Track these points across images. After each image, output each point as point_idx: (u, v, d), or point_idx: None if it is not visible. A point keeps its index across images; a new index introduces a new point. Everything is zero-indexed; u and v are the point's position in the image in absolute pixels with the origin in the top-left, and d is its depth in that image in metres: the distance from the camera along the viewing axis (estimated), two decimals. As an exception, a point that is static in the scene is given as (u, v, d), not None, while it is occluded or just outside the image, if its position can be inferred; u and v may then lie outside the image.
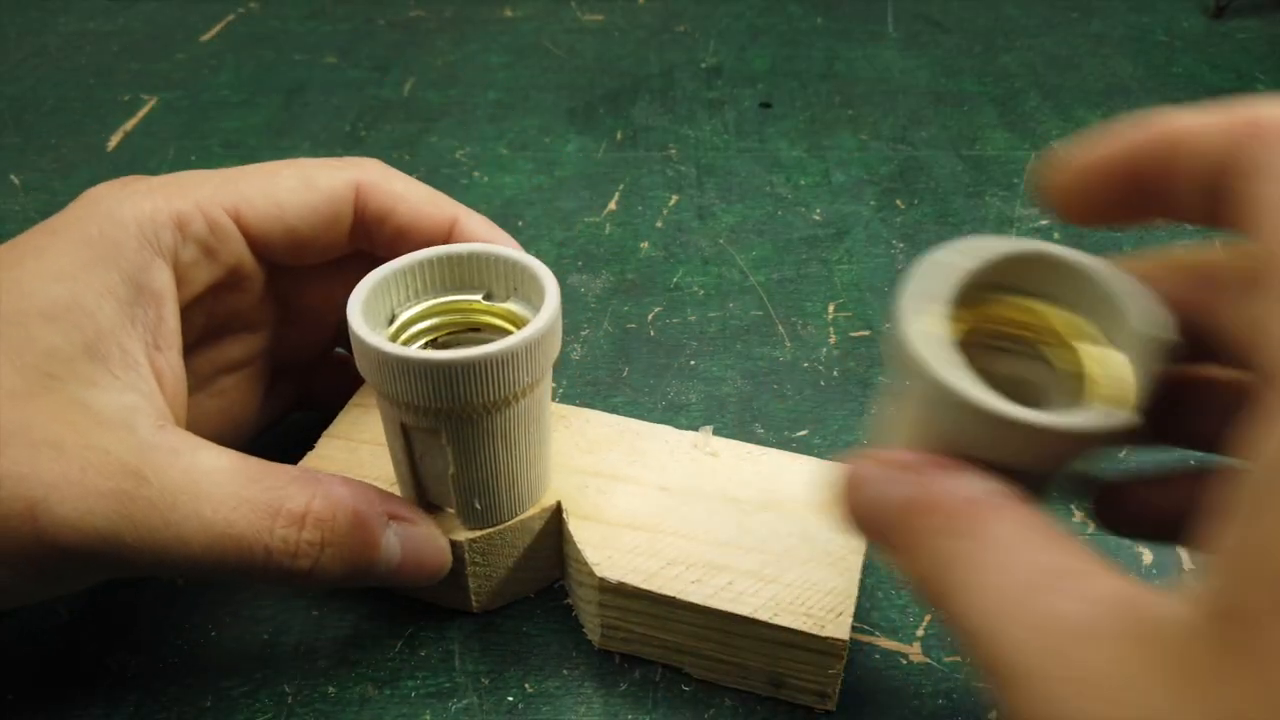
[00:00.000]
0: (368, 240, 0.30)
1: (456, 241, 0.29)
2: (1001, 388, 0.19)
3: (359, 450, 0.30)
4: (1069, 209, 0.21)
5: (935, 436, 0.21)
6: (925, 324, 0.20)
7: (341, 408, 0.32)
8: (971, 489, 0.20)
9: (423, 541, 0.27)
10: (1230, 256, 0.20)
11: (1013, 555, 0.18)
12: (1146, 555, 0.31)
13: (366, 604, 0.30)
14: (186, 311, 0.27)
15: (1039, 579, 0.17)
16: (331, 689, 0.28)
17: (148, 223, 0.26)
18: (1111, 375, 0.21)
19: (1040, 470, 0.20)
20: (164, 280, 0.26)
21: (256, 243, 0.28)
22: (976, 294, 0.21)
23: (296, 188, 0.28)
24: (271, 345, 0.32)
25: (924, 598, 0.20)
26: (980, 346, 0.22)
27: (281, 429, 0.36)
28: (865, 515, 0.21)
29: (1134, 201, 0.20)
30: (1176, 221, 0.20)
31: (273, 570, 0.24)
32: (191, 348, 0.28)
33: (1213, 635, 0.14)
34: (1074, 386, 0.21)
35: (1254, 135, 0.17)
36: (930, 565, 0.19)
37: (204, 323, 0.29)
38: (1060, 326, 0.22)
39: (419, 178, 0.52)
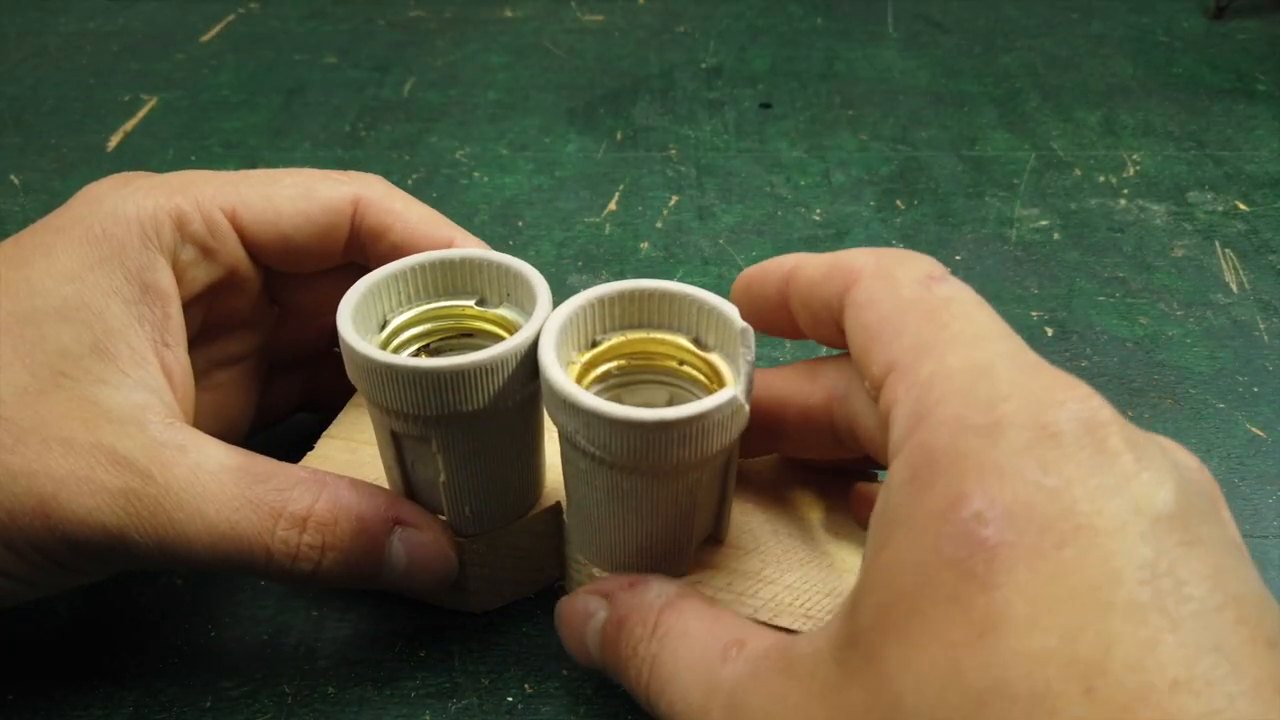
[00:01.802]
0: (362, 255, 0.30)
1: None
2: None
3: (359, 451, 0.30)
4: (745, 315, 0.26)
5: (608, 476, 0.24)
6: (567, 373, 0.24)
7: (342, 403, 0.32)
8: (657, 595, 0.24)
9: (429, 548, 0.26)
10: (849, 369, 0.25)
11: (695, 642, 0.22)
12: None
13: (366, 604, 0.30)
14: (185, 309, 0.27)
15: (715, 655, 0.21)
16: (331, 689, 0.28)
17: (149, 221, 0.26)
18: (714, 372, 0.25)
19: (696, 468, 0.23)
20: (167, 278, 0.26)
21: (251, 245, 0.28)
22: (603, 337, 0.26)
23: (295, 196, 0.28)
24: (268, 342, 0.32)
25: (642, 704, 0.23)
26: (616, 385, 0.27)
27: (282, 429, 0.36)
28: (581, 647, 0.25)
29: (781, 320, 0.25)
30: (819, 342, 0.25)
31: (274, 571, 0.25)
32: (189, 344, 0.29)
33: (838, 659, 0.19)
34: (696, 394, 0.26)
35: (846, 280, 0.23)
36: (639, 670, 0.23)
37: (201, 320, 0.29)
38: (668, 349, 0.26)
39: (419, 178, 0.52)
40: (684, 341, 0.26)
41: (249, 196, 0.28)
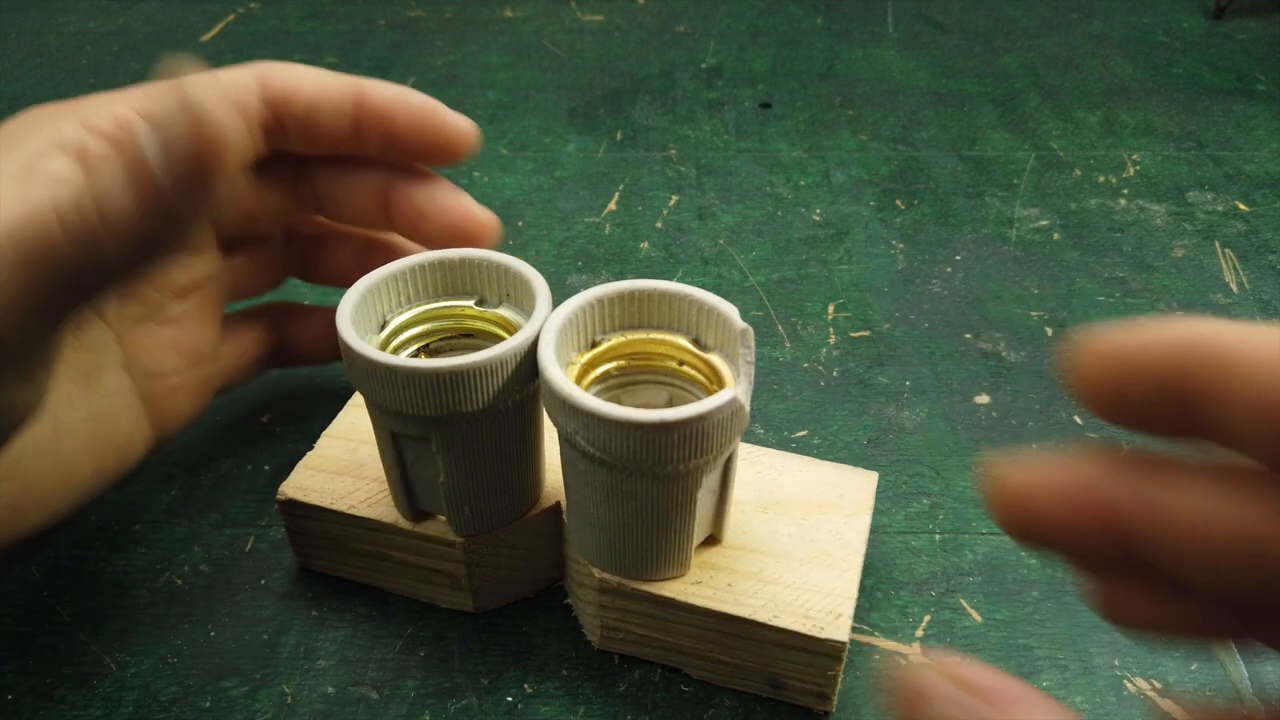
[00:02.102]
0: (279, 127, 0.30)
1: (366, 109, 0.30)
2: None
3: (359, 450, 0.30)
4: (1094, 403, 0.17)
5: (604, 475, 0.24)
6: (566, 373, 0.24)
7: (316, 360, 0.34)
8: None
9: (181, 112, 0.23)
10: None
11: None
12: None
13: (366, 604, 0.30)
14: None
15: None
16: (331, 689, 0.28)
17: (48, 121, 0.26)
18: (714, 373, 0.25)
19: (696, 468, 0.23)
20: (61, 166, 0.26)
21: None
22: (603, 337, 0.26)
23: (201, 81, 0.29)
24: (218, 272, 0.32)
25: None
26: (615, 385, 0.27)
27: (279, 430, 0.36)
28: None
29: (1171, 416, 0.16)
30: (1229, 449, 0.16)
31: (71, 230, 0.22)
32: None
33: None
34: (696, 395, 0.26)
35: None
36: None
37: None
38: (668, 349, 0.26)
39: (419, 178, 0.52)
40: (684, 342, 0.26)
41: (153, 93, 0.28)
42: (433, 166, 0.32)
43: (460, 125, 0.31)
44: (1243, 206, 0.49)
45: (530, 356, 0.25)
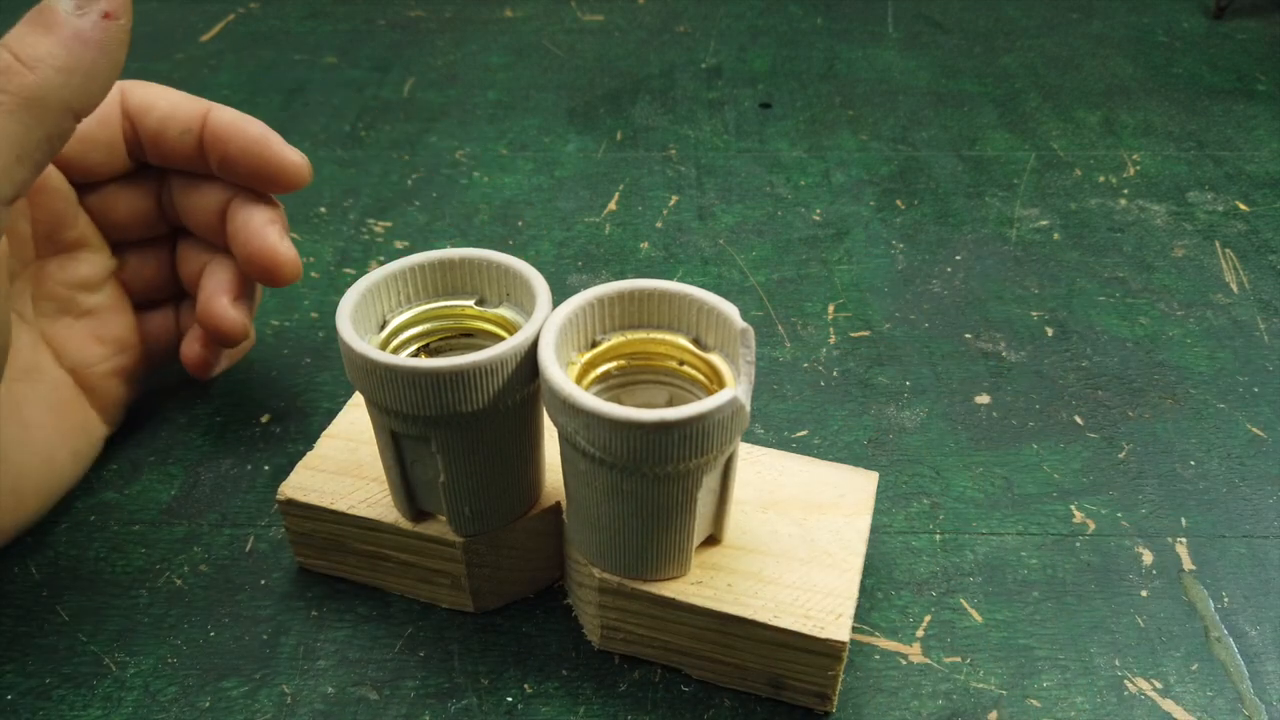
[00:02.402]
0: (135, 139, 0.32)
1: (207, 132, 0.32)
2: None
3: (359, 450, 0.30)
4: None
5: (604, 476, 0.24)
6: (567, 373, 0.24)
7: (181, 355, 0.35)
8: None
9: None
10: None
11: None
12: (1146, 556, 0.32)
13: (366, 604, 0.30)
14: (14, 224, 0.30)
15: None
16: (331, 689, 0.28)
17: None
18: (714, 373, 0.25)
19: (696, 468, 0.23)
20: None
21: None
22: (603, 337, 0.26)
23: None
24: (116, 268, 0.34)
25: None
26: (615, 385, 0.27)
27: (279, 430, 0.36)
28: None
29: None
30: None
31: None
32: (35, 265, 0.32)
33: None
34: (696, 395, 0.26)
35: None
36: None
37: (32, 233, 0.31)
38: (668, 349, 0.26)
39: (419, 177, 0.52)
40: (684, 341, 0.26)
41: None
42: (273, 193, 0.34)
43: (289, 158, 0.32)
44: (1243, 206, 0.49)
45: (530, 356, 0.24)
